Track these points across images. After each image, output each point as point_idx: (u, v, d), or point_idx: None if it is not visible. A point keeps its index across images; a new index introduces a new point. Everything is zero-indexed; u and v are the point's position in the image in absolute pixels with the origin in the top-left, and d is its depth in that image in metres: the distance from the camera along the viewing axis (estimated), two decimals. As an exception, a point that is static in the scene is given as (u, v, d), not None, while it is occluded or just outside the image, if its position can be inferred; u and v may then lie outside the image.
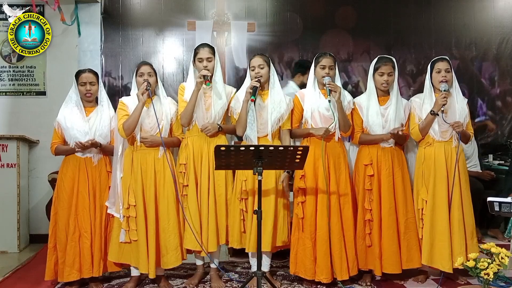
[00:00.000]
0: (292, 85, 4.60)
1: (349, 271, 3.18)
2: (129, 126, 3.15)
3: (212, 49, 3.31)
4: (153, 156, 3.24)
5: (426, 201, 3.24)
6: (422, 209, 3.25)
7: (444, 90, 3.18)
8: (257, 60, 3.26)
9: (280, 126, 3.29)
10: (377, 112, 3.28)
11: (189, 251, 3.34)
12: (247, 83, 3.30)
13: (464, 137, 3.29)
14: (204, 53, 3.28)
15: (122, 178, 3.26)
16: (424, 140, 3.32)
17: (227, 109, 3.36)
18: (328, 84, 3.12)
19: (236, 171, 3.30)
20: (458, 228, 3.18)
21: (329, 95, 3.11)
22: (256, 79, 3.18)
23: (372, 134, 3.30)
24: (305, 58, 5.12)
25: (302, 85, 4.21)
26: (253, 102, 3.13)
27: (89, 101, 3.34)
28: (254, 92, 3.12)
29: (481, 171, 4.77)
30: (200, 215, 3.25)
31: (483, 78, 5.32)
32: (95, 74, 3.36)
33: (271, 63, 3.30)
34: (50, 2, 4.41)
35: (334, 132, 3.24)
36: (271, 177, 3.23)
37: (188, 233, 3.24)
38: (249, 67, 3.29)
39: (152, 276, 3.18)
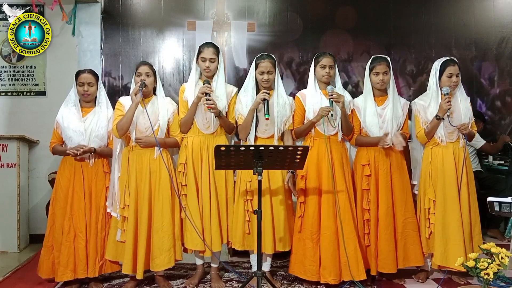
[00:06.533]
0: None
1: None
2: (122, 126, 3.14)
3: (216, 50, 3.27)
4: (148, 157, 3.23)
5: (434, 201, 3.23)
6: (429, 209, 3.24)
7: (446, 94, 3.16)
8: (267, 65, 3.21)
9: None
10: (374, 113, 3.28)
11: (185, 250, 3.33)
12: (250, 82, 3.28)
13: (468, 136, 3.29)
14: (208, 53, 3.24)
15: (119, 178, 3.25)
16: (431, 141, 3.31)
17: (228, 108, 3.34)
18: (330, 96, 3.08)
19: (238, 171, 3.29)
20: (468, 227, 3.18)
21: (331, 105, 3.09)
22: (267, 92, 3.12)
23: (369, 135, 3.29)
24: (305, 58, 5.12)
25: None
26: (263, 113, 3.10)
27: (87, 101, 3.33)
28: (267, 108, 3.05)
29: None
30: (201, 215, 3.23)
31: (483, 78, 5.31)
32: (95, 75, 3.34)
33: (276, 65, 3.28)
34: (48, 2, 4.40)
35: (337, 133, 3.23)
36: (278, 177, 3.23)
37: (190, 233, 3.22)
38: (256, 68, 3.25)
39: (139, 277, 3.17)
